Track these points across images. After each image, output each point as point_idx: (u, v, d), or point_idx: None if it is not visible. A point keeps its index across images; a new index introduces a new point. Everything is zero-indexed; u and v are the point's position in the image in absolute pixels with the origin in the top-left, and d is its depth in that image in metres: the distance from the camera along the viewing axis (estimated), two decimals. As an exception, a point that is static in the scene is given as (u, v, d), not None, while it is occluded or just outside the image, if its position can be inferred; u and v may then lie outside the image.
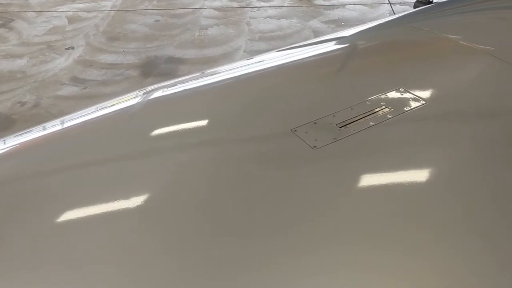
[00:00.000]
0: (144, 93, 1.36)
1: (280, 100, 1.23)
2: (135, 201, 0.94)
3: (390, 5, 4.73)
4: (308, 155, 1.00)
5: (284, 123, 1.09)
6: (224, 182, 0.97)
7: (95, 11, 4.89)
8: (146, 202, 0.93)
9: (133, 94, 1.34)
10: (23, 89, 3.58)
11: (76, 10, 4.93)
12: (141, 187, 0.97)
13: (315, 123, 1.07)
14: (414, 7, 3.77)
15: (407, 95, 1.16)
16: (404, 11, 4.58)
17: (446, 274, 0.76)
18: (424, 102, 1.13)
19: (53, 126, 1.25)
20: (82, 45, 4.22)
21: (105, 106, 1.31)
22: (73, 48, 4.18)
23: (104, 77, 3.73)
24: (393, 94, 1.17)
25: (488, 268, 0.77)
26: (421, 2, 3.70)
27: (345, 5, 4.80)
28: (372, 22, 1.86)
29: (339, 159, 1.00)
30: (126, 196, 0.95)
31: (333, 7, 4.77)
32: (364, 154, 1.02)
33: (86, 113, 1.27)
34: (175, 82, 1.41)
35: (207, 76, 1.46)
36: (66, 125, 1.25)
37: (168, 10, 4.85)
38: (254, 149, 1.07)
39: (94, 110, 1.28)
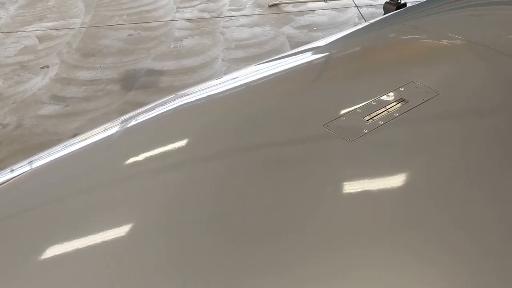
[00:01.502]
0: (155, 108, 1.39)
1: (305, 100, 1.31)
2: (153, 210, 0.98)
3: (357, 8, 4.90)
4: (345, 148, 1.07)
5: (314, 121, 1.17)
6: (268, 181, 1.03)
7: (65, 28, 4.86)
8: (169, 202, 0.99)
9: (140, 110, 1.38)
10: (2, 111, 3.54)
11: (45, 29, 4.87)
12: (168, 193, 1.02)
13: (343, 118, 1.15)
14: (384, 8, 3.93)
15: (420, 87, 1.25)
16: (371, 14, 4.76)
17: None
18: (437, 93, 1.22)
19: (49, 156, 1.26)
20: (57, 63, 4.19)
21: (109, 126, 1.35)
22: (48, 67, 4.14)
23: (85, 94, 3.72)
24: (407, 88, 1.26)
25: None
26: (390, 3, 3.86)
27: (314, 10, 4.93)
28: (368, 21, 1.96)
29: (375, 149, 1.08)
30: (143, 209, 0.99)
31: (303, 13, 4.90)
32: (398, 142, 1.11)
33: (76, 140, 1.29)
34: (186, 93, 1.46)
35: (227, 82, 1.52)
36: (58, 154, 1.26)
37: (140, 24, 4.87)
38: (293, 147, 1.14)
39: (93, 133, 1.30)
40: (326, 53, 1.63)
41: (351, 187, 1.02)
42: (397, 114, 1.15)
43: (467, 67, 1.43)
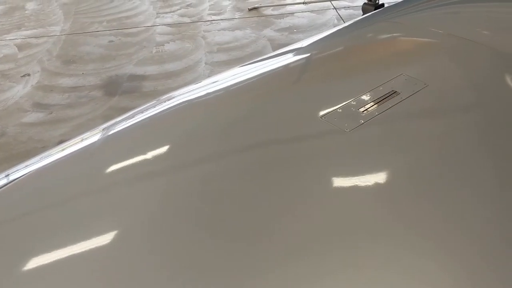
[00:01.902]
0: (146, 109, 1.41)
1: (300, 95, 1.35)
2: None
3: (336, 10, 4.98)
4: (343, 138, 1.12)
5: (312, 113, 1.21)
6: (271, 174, 1.07)
7: (44, 36, 4.83)
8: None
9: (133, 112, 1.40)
10: (-15, 119, 3.50)
11: (24, 37, 4.84)
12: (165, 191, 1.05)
13: (339, 110, 1.19)
14: (363, 9, 4.01)
15: (409, 80, 1.30)
16: (349, 15, 4.84)
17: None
18: (426, 84, 1.27)
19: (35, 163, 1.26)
20: (38, 71, 4.16)
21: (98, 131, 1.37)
22: (29, 75, 4.11)
23: (68, 101, 3.70)
24: (397, 80, 1.30)
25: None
26: (368, 4, 3.94)
27: (294, 13, 5.00)
28: (353, 20, 2.02)
29: (373, 138, 1.13)
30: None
31: (282, 16, 4.96)
32: (394, 131, 1.16)
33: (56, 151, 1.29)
34: (182, 92, 1.49)
35: (217, 83, 1.55)
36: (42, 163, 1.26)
37: (120, 30, 4.86)
38: (292, 139, 1.18)
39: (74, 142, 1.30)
40: (317, 51, 1.68)
41: (352, 175, 1.05)
42: (390, 105, 1.20)
43: (450, 59, 1.49)
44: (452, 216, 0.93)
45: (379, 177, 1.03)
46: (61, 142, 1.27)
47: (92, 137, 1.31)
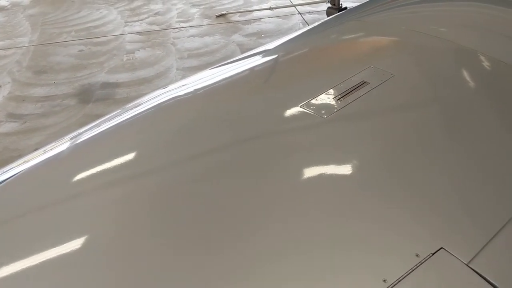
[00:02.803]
0: (129, 110, 1.50)
1: (280, 87, 1.47)
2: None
3: (301, 15, 5.14)
4: (322, 123, 1.24)
5: (292, 104, 1.32)
6: (255, 160, 1.17)
7: (12, 48, 4.81)
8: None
9: (115, 113, 1.48)
10: (-43, 131, 3.49)
11: (-9, 49, 4.82)
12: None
13: (316, 99, 1.31)
14: (327, 13, 4.17)
15: (378, 71, 1.44)
16: (313, 20, 5.00)
17: None
18: (392, 75, 1.41)
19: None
20: (9, 82, 4.16)
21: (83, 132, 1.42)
22: (0, 86, 4.11)
23: (42, 110, 3.72)
24: (367, 72, 1.44)
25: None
26: (332, 8, 4.11)
27: (261, 18, 5.13)
28: (326, 19, 2.16)
29: (349, 122, 1.25)
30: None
31: (249, 21, 5.09)
32: (366, 116, 1.29)
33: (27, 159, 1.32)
34: (169, 90, 1.58)
35: (207, 77, 1.65)
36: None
37: (89, 39, 4.89)
38: (275, 126, 1.29)
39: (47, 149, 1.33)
40: (291, 50, 1.80)
41: (331, 156, 1.17)
42: (362, 93, 1.33)
43: (413, 52, 1.63)
44: (416, 188, 1.07)
45: (354, 156, 1.16)
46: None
47: (67, 142, 1.35)
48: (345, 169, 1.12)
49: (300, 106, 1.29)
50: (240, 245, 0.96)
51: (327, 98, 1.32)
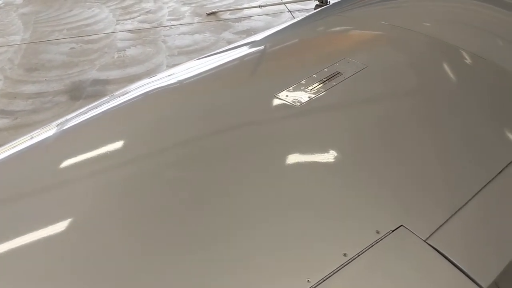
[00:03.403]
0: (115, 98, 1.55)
1: (257, 78, 1.53)
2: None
3: (291, 13, 5.21)
4: (295, 111, 1.30)
5: (268, 93, 1.38)
6: (234, 147, 1.23)
7: (4, 46, 4.86)
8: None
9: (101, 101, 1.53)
10: (-51, 127, 3.54)
11: (-17, 47, 4.86)
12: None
13: (291, 89, 1.37)
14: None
15: (351, 63, 1.50)
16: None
17: None
18: (365, 66, 1.47)
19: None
20: (1, 80, 4.20)
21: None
22: (-9, 83, 4.16)
23: (33, 106, 3.77)
24: (341, 63, 1.50)
25: None
26: (320, 5, 4.17)
27: (250, 16, 5.20)
28: (309, 14, 2.23)
29: (320, 111, 1.31)
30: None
31: (240, 19, 5.15)
32: (337, 104, 1.35)
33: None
34: (141, 84, 1.63)
35: (191, 67, 1.71)
36: None
37: (81, 37, 4.94)
38: (250, 114, 1.35)
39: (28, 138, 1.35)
40: (272, 42, 1.86)
41: (303, 142, 1.24)
42: (334, 83, 1.39)
43: (387, 45, 1.70)
44: (380, 169, 1.14)
45: (323, 142, 1.22)
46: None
47: (53, 129, 1.38)
48: (314, 154, 1.19)
49: (275, 96, 1.35)
50: (217, 228, 1.01)
51: (301, 88, 1.38)
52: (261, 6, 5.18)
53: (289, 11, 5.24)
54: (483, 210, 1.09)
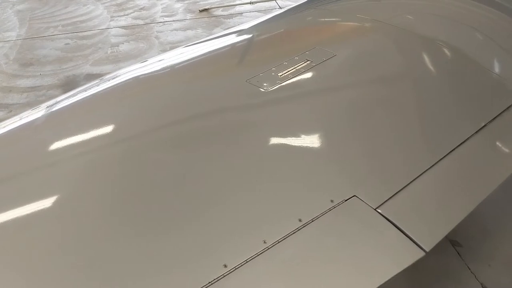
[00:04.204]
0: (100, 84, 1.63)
1: (231, 65, 1.63)
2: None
3: (281, 10, 5.29)
4: (263, 96, 1.40)
5: (239, 78, 1.48)
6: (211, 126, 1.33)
7: (0, 42, 4.94)
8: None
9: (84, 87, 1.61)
10: None
11: (-21, 42, 4.95)
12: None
13: (261, 74, 1.47)
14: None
15: (322, 51, 1.60)
16: (294, 14, 5.16)
17: None
18: (334, 54, 1.57)
19: None
20: (-4, 74, 4.30)
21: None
22: (-13, 77, 4.25)
23: (27, 99, 3.86)
24: (312, 52, 1.60)
25: None
26: None
27: (242, 13, 5.29)
28: (290, 7, 2.33)
29: (286, 94, 1.41)
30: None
31: (231, 16, 5.24)
32: (303, 89, 1.45)
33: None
34: (126, 71, 1.72)
35: (178, 54, 1.80)
36: None
37: (75, 33, 5.03)
38: (222, 97, 1.45)
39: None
40: (249, 32, 1.97)
41: (270, 124, 1.34)
42: (303, 70, 1.49)
43: (358, 35, 1.80)
44: (338, 144, 1.25)
45: (286, 121, 1.33)
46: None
47: (42, 110, 1.46)
48: (278, 132, 1.29)
49: (246, 81, 1.45)
50: (193, 198, 1.09)
51: (271, 73, 1.48)
52: (252, 3, 5.28)
53: (280, 7, 5.33)
54: (431, 184, 1.19)
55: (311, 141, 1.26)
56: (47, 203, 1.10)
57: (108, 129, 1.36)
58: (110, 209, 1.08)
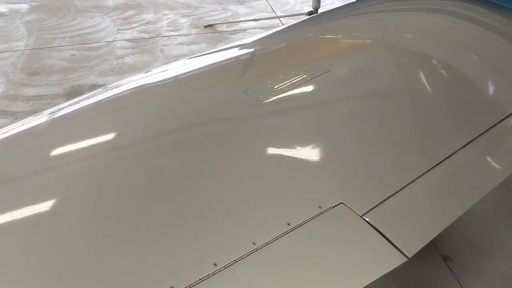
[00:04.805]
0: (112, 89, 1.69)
1: (230, 77, 1.70)
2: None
3: (285, 26, 5.40)
4: (258, 107, 1.46)
5: (237, 90, 1.55)
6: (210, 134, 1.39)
7: (8, 51, 5.04)
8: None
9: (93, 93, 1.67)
10: (-48, 125, 3.69)
11: (-12, 51, 5.05)
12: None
13: (258, 87, 1.54)
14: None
15: (317, 66, 1.67)
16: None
17: None
18: (329, 70, 1.64)
19: None
20: (3, 82, 4.37)
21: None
22: (-6, 85, 4.33)
23: (32, 108, 3.94)
24: (308, 67, 1.67)
25: None
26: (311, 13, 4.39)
27: (246, 29, 5.40)
28: (291, 24, 2.42)
29: (281, 106, 1.48)
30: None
31: (235, 32, 5.35)
32: (297, 101, 1.52)
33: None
34: (137, 78, 1.79)
35: (180, 66, 1.87)
36: None
37: (82, 44, 5.13)
38: (219, 108, 1.51)
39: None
40: (249, 45, 2.05)
41: (264, 134, 1.40)
42: (298, 84, 1.56)
43: (354, 53, 1.87)
44: (328, 152, 1.31)
45: (281, 131, 1.39)
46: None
47: (44, 116, 1.50)
48: (272, 140, 1.35)
49: (243, 92, 1.51)
50: (189, 201, 1.14)
51: (268, 86, 1.55)
52: (256, 20, 5.38)
53: (283, 24, 5.43)
54: (417, 194, 1.25)
55: (303, 149, 1.32)
56: (47, 207, 1.14)
57: (107, 136, 1.41)
58: (105, 209, 1.13)
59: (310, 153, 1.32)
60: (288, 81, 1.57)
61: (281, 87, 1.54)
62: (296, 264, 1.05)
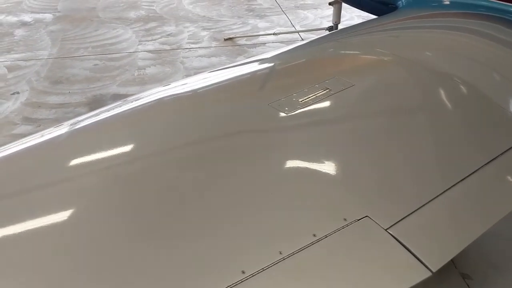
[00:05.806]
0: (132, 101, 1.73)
1: (255, 89, 1.73)
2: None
3: (303, 41, 5.44)
4: (284, 119, 1.49)
5: (262, 102, 1.58)
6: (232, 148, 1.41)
7: (33, 59, 5.16)
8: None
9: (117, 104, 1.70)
10: (-23, 131, 3.78)
11: (13, 60, 5.16)
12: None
13: (283, 99, 1.57)
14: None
15: (341, 81, 1.69)
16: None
17: None
18: (353, 84, 1.66)
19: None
20: (27, 90, 4.47)
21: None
22: (18, 93, 4.42)
23: (55, 115, 4.01)
24: (331, 81, 1.69)
25: None
26: (331, 28, 4.42)
27: (265, 43, 5.45)
28: (313, 39, 2.46)
29: (306, 118, 1.50)
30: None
31: (255, 45, 5.41)
32: (322, 114, 1.54)
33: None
34: (168, 88, 1.82)
35: (202, 78, 1.91)
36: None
37: (104, 55, 5.23)
38: (246, 119, 1.54)
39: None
40: (274, 60, 2.08)
41: (289, 145, 1.42)
42: (322, 97, 1.58)
43: (378, 69, 1.89)
44: (354, 167, 1.32)
45: (308, 145, 1.41)
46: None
47: (65, 128, 1.51)
48: (297, 153, 1.38)
49: (268, 104, 1.54)
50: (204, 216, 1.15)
51: (292, 99, 1.57)
52: (276, 34, 5.43)
53: (302, 39, 5.48)
54: (441, 209, 1.26)
55: (329, 162, 1.34)
56: (65, 215, 1.16)
57: (129, 147, 1.42)
58: (133, 217, 1.15)
59: (335, 166, 1.34)
60: (313, 94, 1.60)
61: (305, 100, 1.56)
62: (321, 275, 1.07)
